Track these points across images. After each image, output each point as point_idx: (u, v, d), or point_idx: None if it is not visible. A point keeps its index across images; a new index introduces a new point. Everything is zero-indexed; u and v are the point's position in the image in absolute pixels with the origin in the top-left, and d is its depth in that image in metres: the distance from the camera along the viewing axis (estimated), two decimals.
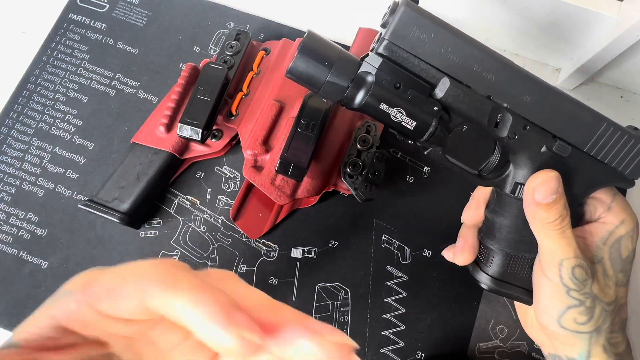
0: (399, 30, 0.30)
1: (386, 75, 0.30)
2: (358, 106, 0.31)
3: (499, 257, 0.35)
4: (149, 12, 0.51)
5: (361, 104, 0.30)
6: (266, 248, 0.44)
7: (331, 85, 0.30)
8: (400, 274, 0.44)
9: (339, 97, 0.31)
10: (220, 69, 0.42)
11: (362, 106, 0.31)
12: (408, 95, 0.30)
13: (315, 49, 0.30)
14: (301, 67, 0.30)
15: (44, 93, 0.48)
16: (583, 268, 0.31)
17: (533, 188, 0.32)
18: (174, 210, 0.45)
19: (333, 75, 0.30)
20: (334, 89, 0.30)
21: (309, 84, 0.31)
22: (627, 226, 0.33)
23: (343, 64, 0.30)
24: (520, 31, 0.48)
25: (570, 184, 0.33)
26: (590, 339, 0.32)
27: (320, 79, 0.30)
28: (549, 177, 0.32)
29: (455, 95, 0.31)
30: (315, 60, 0.30)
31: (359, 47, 0.46)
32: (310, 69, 0.30)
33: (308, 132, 0.40)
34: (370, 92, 0.30)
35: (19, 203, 0.45)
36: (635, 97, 0.51)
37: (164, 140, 0.43)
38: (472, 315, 0.43)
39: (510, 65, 0.31)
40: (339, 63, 0.30)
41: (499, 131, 0.32)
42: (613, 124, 0.32)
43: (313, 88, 0.31)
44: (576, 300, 0.32)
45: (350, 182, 0.42)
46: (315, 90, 0.31)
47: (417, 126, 0.31)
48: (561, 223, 0.31)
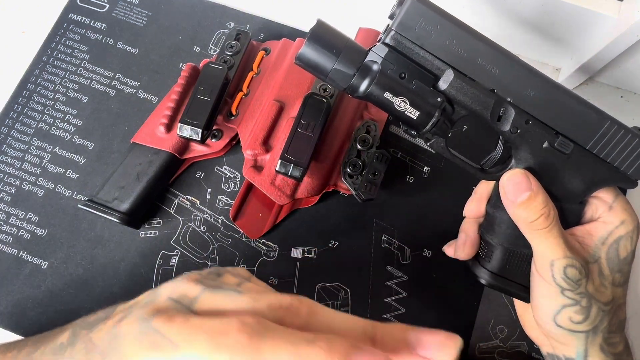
0: (405, 21, 0.30)
1: (392, 65, 0.31)
2: (363, 94, 0.31)
3: (499, 252, 0.35)
4: (149, 12, 0.51)
5: (366, 92, 0.31)
6: (266, 248, 0.44)
7: (338, 73, 0.31)
8: (400, 274, 0.44)
9: (345, 84, 0.32)
10: (220, 69, 0.42)
11: (367, 94, 0.31)
12: (412, 85, 0.31)
13: (324, 37, 0.31)
14: (310, 54, 0.31)
15: (44, 93, 0.48)
16: (576, 268, 0.31)
17: (503, 187, 0.32)
18: (174, 210, 0.45)
19: (340, 63, 0.31)
20: (340, 76, 0.31)
21: (316, 71, 0.32)
22: (627, 227, 0.33)
23: (350, 52, 0.31)
24: (521, 31, 0.48)
25: (571, 181, 0.33)
26: (587, 338, 0.32)
27: (327, 66, 0.31)
28: (513, 174, 0.32)
29: (459, 87, 0.31)
30: (323, 48, 0.31)
31: None
32: (318, 56, 0.31)
33: (308, 132, 0.40)
34: (376, 81, 0.31)
35: (19, 203, 0.45)
36: (635, 97, 0.51)
37: (164, 140, 0.43)
38: (472, 315, 0.43)
39: (514, 60, 0.32)
40: (346, 51, 0.31)
41: (501, 125, 0.32)
42: (617, 123, 0.32)
43: (320, 75, 0.32)
44: (571, 300, 0.32)
45: (350, 182, 0.42)
46: (323, 77, 0.32)
47: (420, 116, 0.31)
48: (545, 222, 0.31)
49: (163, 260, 0.43)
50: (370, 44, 0.32)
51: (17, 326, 0.41)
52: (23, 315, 0.42)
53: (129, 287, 0.43)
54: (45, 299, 0.42)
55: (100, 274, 0.43)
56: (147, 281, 0.43)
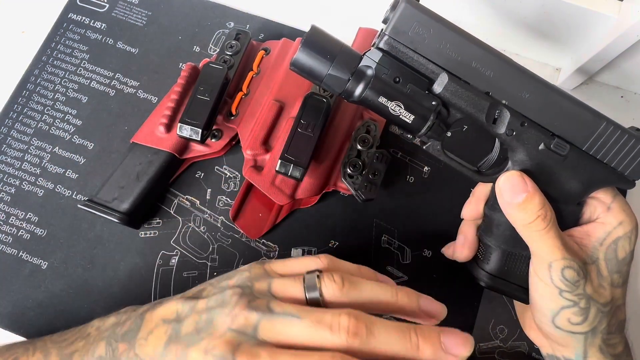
0: (399, 25, 0.30)
1: (386, 70, 0.31)
2: (358, 99, 0.32)
3: (497, 254, 0.35)
4: (148, 12, 0.51)
5: (361, 96, 0.31)
6: (266, 248, 0.44)
7: (332, 78, 0.32)
8: (400, 274, 0.44)
9: (340, 89, 0.32)
10: (220, 69, 0.42)
11: (362, 99, 0.31)
12: (407, 90, 0.31)
13: (318, 42, 0.32)
14: (304, 60, 0.31)
15: (44, 93, 0.48)
16: (574, 269, 0.31)
17: (500, 189, 0.32)
18: (174, 210, 0.45)
19: (334, 68, 0.31)
20: (335, 81, 0.32)
21: (311, 76, 0.32)
22: (626, 227, 0.33)
23: (344, 57, 0.31)
24: (520, 31, 0.48)
25: (568, 182, 0.33)
26: (586, 339, 0.32)
27: (322, 71, 0.31)
28: (509, 176, 0.32)
29: (454, 91, 0.31)
30: (317, 53, 0.31)
31: (359, 46, 0.46)
32: (312, 62, 0.31)
33: (308, 132, 0.40)
34: (370, 86, 0.31)
35: (18, 203, 0.45)
36: (635, 97, 0.51)
37: (164, 140, 0.43)
38: (472, 315, 0.43)
39: (509, 62, 0.32)
40: (341, 56, 0.31)
41: (496, 127, 0.32)
42: (613, 124, 0.32)
43: (315, 80, 0.32)
44: (569, 301, 0.32)
45: (350, 182, 0.42)
46: (317, 82, 0.32)
47: (415, 120, 0.31)
48: (542, 223, 0.31)
49: (163, 260, 0.43)
50: (370, 43, 0.32)
51: (17, 326, 0.42)
52: (23, 315, 0.42)
53: (129, 287, 0.43)
54: (45, 299, 0.42)
55: (100, 274, 0.43)
56: (147, 281, 0.43)
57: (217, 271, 0.43)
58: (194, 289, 0.32)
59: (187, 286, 0.42)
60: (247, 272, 0.30)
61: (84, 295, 0.42)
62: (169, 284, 0.43)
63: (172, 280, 0.43)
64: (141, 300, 0.42)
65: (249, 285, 0.29)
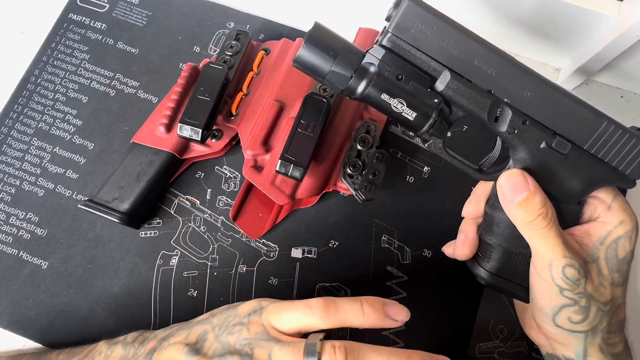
0: (402, 23, 0.31)
1: (388, 67, 0.31)
2: (360, 96, 0.32)
3: (497, 252, 0.35)
4: (149, 12, 0.51)
5: (363, 93, 0.31)
6: (266, 248, 0.44)
7: (335, 75, 0.32)
8: (400, 274, 0.44)
9: (342, 86, 0.32)
10: (220, 69, 0.42)
11: (365, 96, 0.31)
12: (409, 87, 0.31)
13: (322, 39, 0.32)
14: (307, 56, 0.32)
15: (44, 93, 0.48)
16: (574, 268, 0.31)
17: (501, 187, 0.32)
18: (174, 210, 0.45)
19: (337, 65, 0.31)
20: (337, 78, 0.32)
21: (314, 73, 0.32)
22: (626, 227, 0.33)
23: (347, 54, 0.32)
24: (520, 31, 0.48)
25: (569, 181, 0.33)
26: (586, 338, 0.32)
27: (325, 68, 0.32)
28: (510, 174, 0.32)
29: (456, 89, 0.31)
30: (320, 50, 0.31)
31: (359, 46, 0.45)
32: (315, 58, 0.31)
33: (308, 132, 0.40)
34: (373, 83, 0.31)
35: (19, 203, 0.45)
36: (635, 97, 0.51)
37: (164, 140, 0.43)
38: (472, 315, 0.43)
39: (511, 61, 0.32)
40: (344, 53, 0.31)
41: (498, 125, 0.32)
42: (614, 123, 0.32)
43: (318, 77, 0.32)
44: (570, 300, 0.32)
45: (350, 182, 0.42)
46: (320, 79, 0.32)
47: (417, 117, 0.31)
48: (543, 221, 0.31)
49: (163, 260, 0.43)
50: (370, 44, 0.32)
51: (17, 326, 0.42)
52: (23, 315, 0.42)
53: (129, 287, 0.43)
54: (45, 299, 0.42)
55: (100, 274, 0.43)
56: (147, 281, 0.43)
57: (217, 271, 0.43)
58: (196, 328, 0.33)
59: (187, 286, 0.43)
60: (246, 329, 0.31)
61: (84, 295, 0.42)
62: (169, 283, 0.43)
63: (172, 280, 0.43)
64: (141, 300, 0.42)
65: (249, 354, 0.29)
